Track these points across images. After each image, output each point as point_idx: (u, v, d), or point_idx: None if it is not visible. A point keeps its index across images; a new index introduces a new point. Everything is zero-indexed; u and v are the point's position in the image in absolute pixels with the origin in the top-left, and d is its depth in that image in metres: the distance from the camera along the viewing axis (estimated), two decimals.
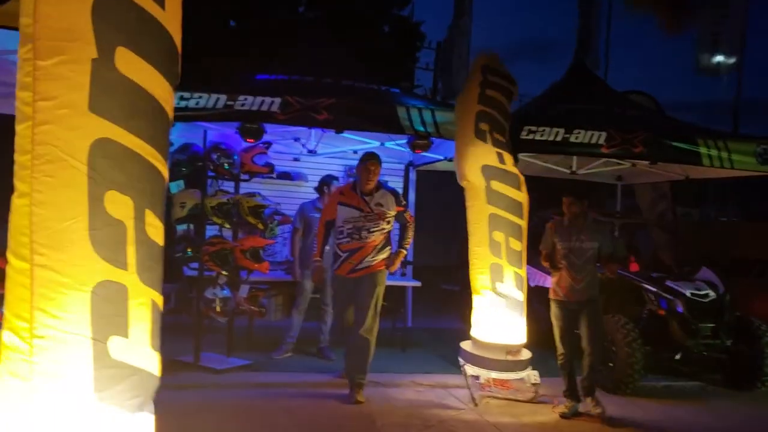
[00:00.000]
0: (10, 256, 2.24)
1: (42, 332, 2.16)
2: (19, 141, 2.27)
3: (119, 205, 2.28)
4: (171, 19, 2.46)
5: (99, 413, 2.20)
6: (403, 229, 6.28)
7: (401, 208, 6.11)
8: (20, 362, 2.16)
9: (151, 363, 2.37)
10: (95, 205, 2.24)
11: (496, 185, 6.14)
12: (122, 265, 2.27)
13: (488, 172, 6.15)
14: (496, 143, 6.21)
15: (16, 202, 2.25)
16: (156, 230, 2.42)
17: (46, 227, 2.19)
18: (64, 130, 2.22)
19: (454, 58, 17.05)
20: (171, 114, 2.52)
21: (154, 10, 2.38)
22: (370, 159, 5.98)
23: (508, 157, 6.26)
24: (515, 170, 6.25)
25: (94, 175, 2.24)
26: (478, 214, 6.23)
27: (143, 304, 2.33)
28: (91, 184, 2.24)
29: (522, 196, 6.21)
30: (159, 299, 2.41)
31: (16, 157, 2.28)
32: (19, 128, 2.27)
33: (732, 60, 13.03)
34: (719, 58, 13.11)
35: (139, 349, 2.31)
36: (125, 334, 2.26)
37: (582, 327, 5.80)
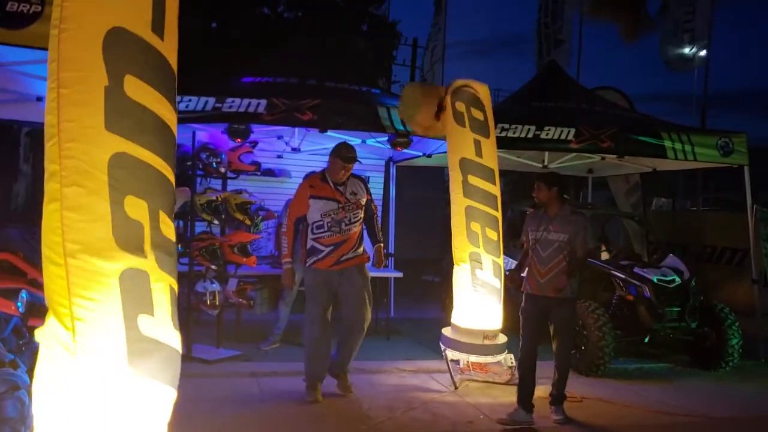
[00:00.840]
0: (46, 251, 2.56)
1: (80, 315, 2.49)
2: (48, 154, 2.61)
3: (136, 208, 2.63)
4: (169, 48, 2.81)
5: (132, 383, 2.54)
6: (370, 221, 5.98)
7: (369, 197, 5.95)
8: (65, 340, 2.50)
9: (175, 340, 2.71)
10: (116, 208, 2.58)
11: (472, 179, 6.40)
12: (142, 255, 2.62)
13: (465, 166, 6.43)
14: (474, 126, 6.40)
15: (49, 206, 2.58)
16: (168, 228, 2.76)
17: (77, 228, 2.53)
18: (86, 146, 2.57)
19: (429, 54, 17.37)
20: (174, 129, 2.87)
21: (155, 41, 2.73)
22: (349, 155, 5.69)
23: (486, 145, 6.46)
24: (491, 163, 6.48)
25: (114, 184, 2.58)
26: (457, 206, 6.55)
27: (163, 287, 2.67)
28: (112, 191, 2.58)
29: (496, 189, 6.51)
30: (175, 285, 2.77)
31: (47, 166, 2.62)
32: (48, 144, 2.61)
33: (700, 53, 13.44)
34: (686, 51, 13.50)
35: (164, 327, 2.65)
36: (151, 312, 2.60)
37: (551, 331, 5.54)
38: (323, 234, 5.68)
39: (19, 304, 4.15)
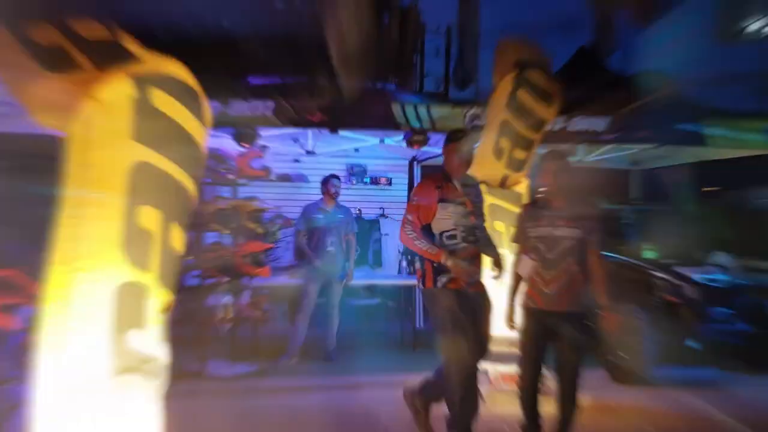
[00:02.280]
0: (56, 256, 2.61)
1: (73, 325, 2.59)
2: (70, 160, 2.68)
3: (150, 218, 2.77)
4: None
5: (119, 394, 2.67)
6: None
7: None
8: (57, 351, 2.58)
9: (161, 352, 2.88)
10: (129, 218, 2.71)
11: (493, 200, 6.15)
12: (145, 267, 2.75)
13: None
14: (510, 164, 5.95)
15: (65, 213, 2.64)
16: (177, 240, 2.91)
17: (87, 236, 2.62)
18: (108, 154, 2.69)
19: (465, 42, 16.96)
20: (202, 145, 3.02)
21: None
22: (459, 132, 4.76)
23: (513, 179, 6.07)
24: (517, 190, 6.17)
25: (132, 192, 2.71)
26: None
27: (158, 302, 2.85)
28: (129, 200, 2.72)
29: (523, 186, 6.22)
30: (171, 298, 2.93)
31: (66, 172, 2.68)
32: (69, 151, 2.67)
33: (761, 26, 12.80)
34: (746, 24, 12.87)
35: (152, 341, 2.81)
36: (141, 327, 2.75)
37: (556, 354, 4.39)
38: (457, 246, 4.51)
39: None
